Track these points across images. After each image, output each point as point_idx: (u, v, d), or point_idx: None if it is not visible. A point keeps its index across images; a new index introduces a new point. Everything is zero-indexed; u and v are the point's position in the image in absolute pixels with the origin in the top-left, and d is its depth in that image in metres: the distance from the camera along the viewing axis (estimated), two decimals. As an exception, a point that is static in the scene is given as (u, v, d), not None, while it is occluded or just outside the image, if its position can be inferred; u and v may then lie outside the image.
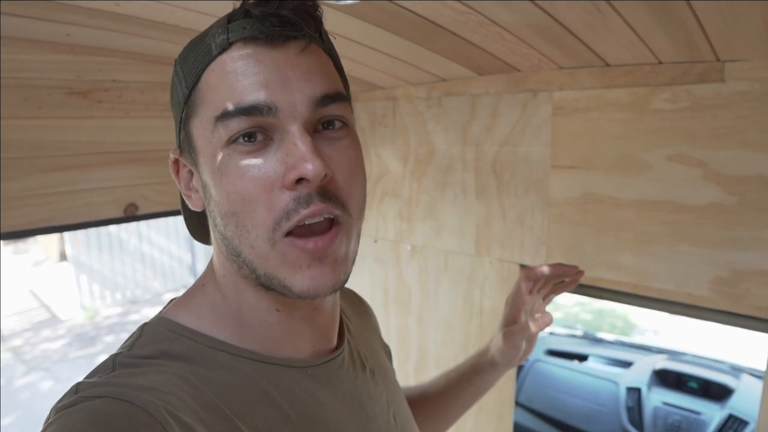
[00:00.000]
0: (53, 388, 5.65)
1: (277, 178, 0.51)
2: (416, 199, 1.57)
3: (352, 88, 1.67)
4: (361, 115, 1.71)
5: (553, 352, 3.12)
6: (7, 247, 11.73)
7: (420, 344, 1.61)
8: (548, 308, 1.03)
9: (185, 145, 0.58)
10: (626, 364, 3.07)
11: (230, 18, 0.53)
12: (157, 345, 0.56)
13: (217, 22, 0.55)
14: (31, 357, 6.75)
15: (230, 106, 0.50)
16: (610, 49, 1.08)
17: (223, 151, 0.52)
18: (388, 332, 1.69)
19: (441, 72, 1.40)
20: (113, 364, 0.53)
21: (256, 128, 0.51)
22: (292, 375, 0.60)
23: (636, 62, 1.12)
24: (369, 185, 1.68)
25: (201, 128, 0.54)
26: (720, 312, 1.09)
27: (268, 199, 0.51)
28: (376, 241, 1.71)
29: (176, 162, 0.61)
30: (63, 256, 10.13)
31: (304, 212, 0.51)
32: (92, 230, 8.48)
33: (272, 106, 0.50)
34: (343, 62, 1.38)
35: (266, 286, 0.55)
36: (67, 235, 9.13)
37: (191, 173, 0.60)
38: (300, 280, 0.53)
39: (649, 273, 1.14)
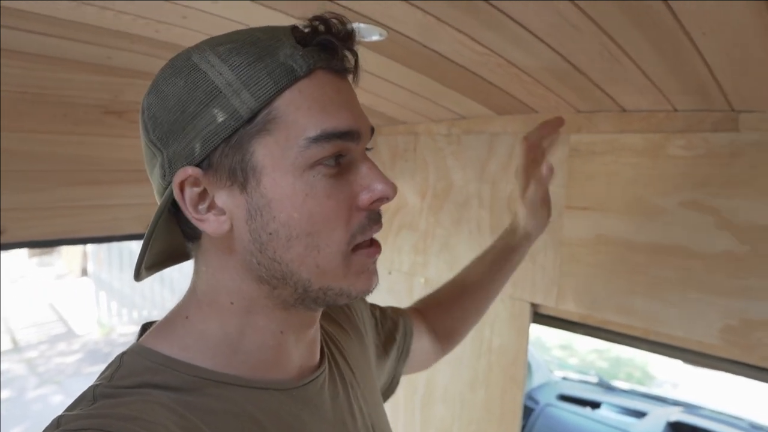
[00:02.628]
0: (64, 402, 5.64)
1: (354, 198, 0.56)
2: (432, 233, 1.59)
3: (376, 121, 1.73)
4: (383, 148, 1.75)
5: (565, 398, 3.07)
6: (32, 260, 11.95)
7: (428, 378, 1.60)
8: (564, 353, 1.05)
9: (224, 162, 0.53)
10: (640, 414, 3.00)
11: (302, 41, 0.55)
12: (138, 376, 0.54)
13: (277, 39, 0.54)
14: (44, 370, 6.81)
15: (326, 129, 0.53)
16: (627, 95, 1.11)
17: (308, 172, 0.53)
18: (397, 364, 1.69)
19: (461, 110, 1.44)
20: (93, 395, 0.51)
21: (343, 152, 0.55)
22: (278, 398, 0.60)
23: (652, 109, 1.14)
24: (386, 218, 1.72)
25: (275, 147, 0.52)
26: (730, 362, 1.08)
27: (347, 218, 0.55)
28: (390, 273, 1.73)
29: (182, 183, 0.54)
30: (84, 272, 10.28)
31: (375, 228, 0.58)
32: (114, 248, 8.63)
33: (357, 132, 0.55)
34: (367, 96, 1.43)
35: (308, 300, 0.58)
36: (90, 250, 9.30)
37: (203, 195, 0.55)
38: (362, 282, 0.58)
39: (660, 318, 1.14)
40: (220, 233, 0.55)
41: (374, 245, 0.60)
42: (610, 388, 3.25)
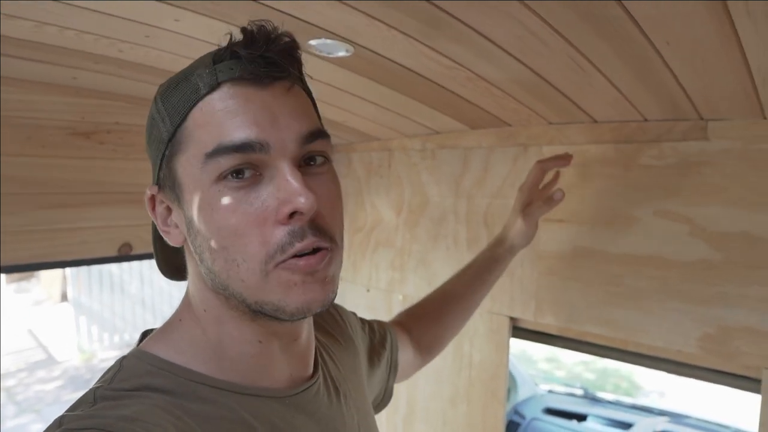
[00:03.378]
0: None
1: (270, 213, 0.53)
2: (409, 250, 1.57)
3: (348, 138, 1.72)
4: (358, 165, 1.74)
5: (551, 411, 3.05)
6: (10, 286, 11.71)
7: (409, 397, 1.58)
8: (550, 366, 1.04)
9: (167, 181, 0.58)
10: (626, 426, 2.99)
11: (216, 58, 0.55)
12: (138, 379, 0.55)
13: (200, 61, 0.56)
14: (23, 398, 6.64)
15: (221, 143, 0.52)
16: (597, 107, 1.11)
17: (213, 187, 0.53)
18: (377, 383, 1.67)
19: (434, 125, 1.44)
20: (94, 397, 0.53)
21: (245, 165, 0.53)
22: (271, 405, 0.61)
23: (622, 119, 1.14)
24: (363, 235, 1.70)
25: (188, 165, 0.54)
26: (710, 370, 1.08)
27: (261, 234, 0.53)
28: (368, 291, 1.71)
29: (152, 198, 0.61)
30: (64, 297, 10.09)
31: (298, 245, 0.53)
32: (95, 271, 8.49)
33: (263, 143, 0.52)
34: (338, 112, 1.42)
35: (257, 312, 0.56)
36: (69, 275, 9.14)
37: (169, 210, 0.60)
38: (294, 298, 0.54)
39: (639, 329, 1.13)
40: (178, 245, 0.61)
41: (306, 258, 0.54)
42: (596, 400, 3.24)
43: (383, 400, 0.98)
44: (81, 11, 0.86)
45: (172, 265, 0.70)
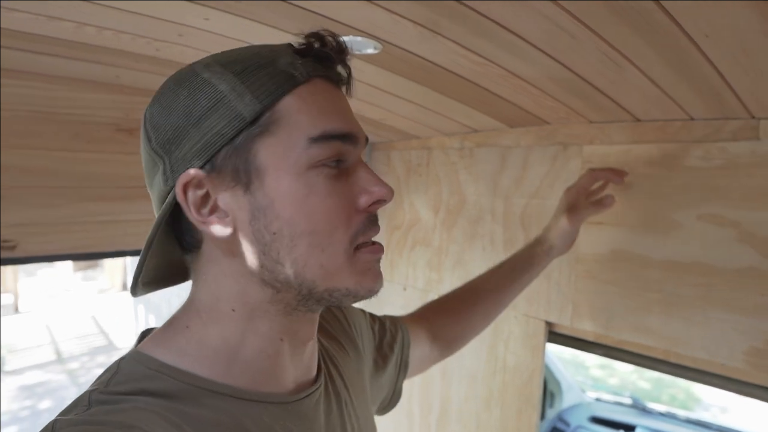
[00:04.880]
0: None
1: (353, 200, 0.58)
2: (446, 249, 1.55)
3: (388, 136, 1.71)
4: (397, 163, 1.73)
5: (597, 420, 2.94)
6: (77, 274, 12.34)
7: (443, 397, 1.56)
8: (603, 374, 1.01)
9: (228, 164, 0.54)
10: (678, 440, 2.85)
11: (298, 52, 0.58)
12: (135, 382, 0.54)
13: (277, 52, 0.58)
14: (85, 380, 6.99)
15: (326, 131, 0.55)
16: (638, 104, 1.06)
17: (310, 171, 0.55)
18: (411, 384, 1.65)
19: (473, 123, 1.41)
20: (89, 400, 0.51)
21: (342, 154, 0.57)
22: (273, 411, 0.60)
23: (667, 118, 1.09)
24: (401, 233, 1.69)
25: (279, 147, 0.54)
26: (756, 387, 1.01)
27: (348, 219, 0.57)
28: (405, 289, 1.70)
29: (187, 185, 0.54)
30: (125, 287, 10.54)
31: (374, 230, 0.60)
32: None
33: (356, 137, 0.58)
34: (376, 111, 1.42)
35: (316, 301, 0.58)
36: (129, 265, 9.55)
37: (206, 198, 0.55)
38: (368, 281, 0.59)
39: (680, 339, 1.08)
40: (223, 235, 0.55)
41: (377, 244, 0.61)
42: (646, 411, 3.10)
43: (392, 400, 0.97)
44: (116, 12, 0.88)
45: (155, 275, 0.63)
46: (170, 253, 0.61)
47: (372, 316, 0.96)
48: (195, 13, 0.89)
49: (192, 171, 0.54)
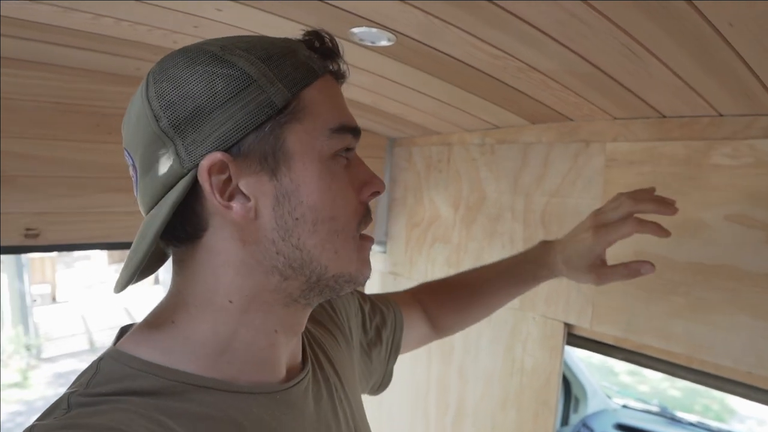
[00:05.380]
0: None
1: (357, 189, 0.61)
2: (465, 247, 1.53)
3: (408, 132, 1.69)
4: (418, 158, 1.71)
5: (623, 427, 2.86)
6: (111, 267, 12.64)
7: (459, 397, 1.53)
8: (633, 380, 0.97)
9: (256, 148, 0.54)
10: (708, 451, 2.75)
11: (310, 46, 0.61)
12: (117, 383, 0.52)
13: (292, 43, 0.59)
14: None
15: (342, 123, 0.59)
16: (663, 100, 1.02)
17: (331, 160, 0.58)
18: (428, 382, 1.64)
19: (494, 119, 1.38)
20: (68, 403, 0.50)
21: (351, 145, 0.60)
22: (262, 402, 0.59)
23: (694, 114, 1.04)
24: (420, 230, 1.68)
25: (305, 135, 0.56)
26: (785, 397, 0.96)
27: (356, 206, 0.60)
28: (424, 287, 1.68)
29: (212, 168, 0.53)
30: (156, 279, 10.76)
31: (370, 218, 0.63)
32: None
33: (359, 130, 0.61)
34: (395, 105, 1.40)
35: (322, 288, 0.60)
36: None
37: (228, 182, 0.54)
38: (366, 269, 0.63)
39: (704, 345, 1.03)
40: (245, 221, 0.55)
41: (369, 236, 0.65)
42: (675, 420, 3.01)
43: (383, 382, 0.96)
44: (132, 3, 0.89)
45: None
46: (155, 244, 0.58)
47: (363, 295, 0.95)
48: (207, 3, 0.89)
49: (219, 154, 0.52)
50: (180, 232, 0.57)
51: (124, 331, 0.61)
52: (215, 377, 0.57)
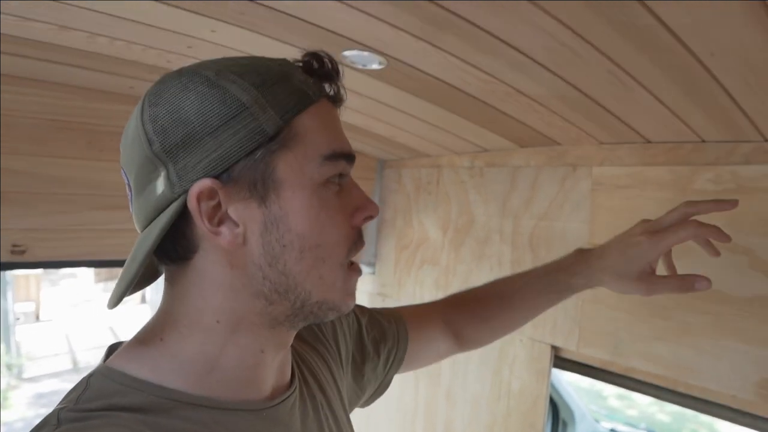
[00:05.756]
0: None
1: (348, 215, 0.60)
2: (453, 269, 1.53)
3: (398, 154, 1.71)
4: (407, 180, 1.72)
5: (612, 451, 2.86)
6: (98, 285, 12.49)
7: (447, 420, 1.53)
8: (621, 404, 0.97)
9: (246, 175, 0.54)
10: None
11: (307, 71, 0.60)
12: (106, 398, 0.53)
13: (287, 67, 0.59)
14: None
15: (335, 150, 0.58)
16: (649, 126, 1.04)
17: (321, 188, 0.57)
18: (416, 405, 1.63)
19: (483, 142, 1.40)
20: (58, 419, 0.50)
21: (344, 172, 0.60)
22: (249, 419, 0.60)
23: (678, 140, 1.07)
24: (409, 252, 1.68)
25: (295, 163, 0.56)
26: (768, 420, 0.97)
27: (346, 233, 0.60)
28: (412, 308, 1.68)
29: (201, 194, 0.53)
30: (144, 298, 10.65)
31: (362, 243, 0.62)
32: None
33: (354, 156, 0.61)
34: (385, 128, 1.42)
35: (305, 315, 0.60)
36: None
37: (217, 208, 0.54)
38: (350, 299, 0.62)
39: (689, 368, 1.04)
40: (233, 246, 0.55)
41: (358, 266, 0.64)
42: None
43: (377, 390, 0.95)
44: (127, 22, 0.90)
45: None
46: (147, 262, 0.59)
47: (361, 309, 0.94)
48: (202, 25, 0.90)
49: (209, 181, 0.53)
50: (171, 252, 0.57)
51: (113, 348, 0.61)
52: (203, 394, 0.57)
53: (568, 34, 0.72)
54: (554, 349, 1.28)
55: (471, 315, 1.01)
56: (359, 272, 0.64)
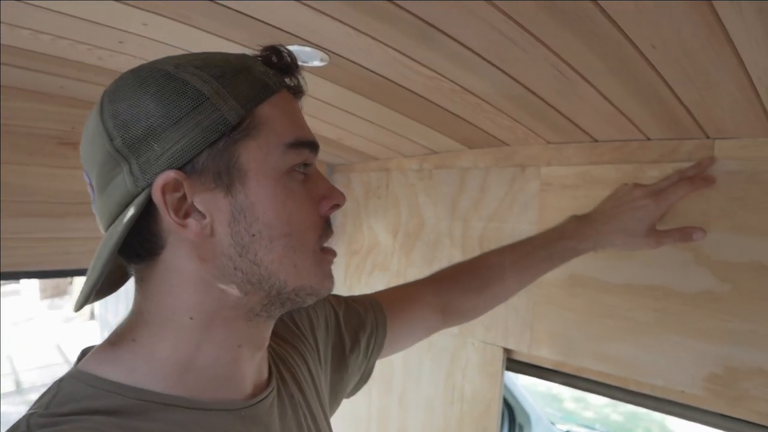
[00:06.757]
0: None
1: (316, 203, 0.60)
2: (404, 274, 1.51)
3: (347, 158, 1.68)
4: (357, 185, 1.69)
5: (567, 453, 2.89)
6: (44, 302, 11.96)
7: (400, 427, 1.49)
8: (577, 406, 0.97)
9: (210, 166, 0.54)
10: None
11: (267, 63, 0.60)
12: (78, 402, 0.52)
13: (247, 60, 0.59)
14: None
15: (299, 138, 0.58)
16: (595, 124, 1.04)
17: (286, 176, 0.57)
18: (369, 413, 1.59)
19: (431, 144, 1.38)
20: (27, 425, 0.49)
21: (309, 160, 0.59)
22: (227, 418, 0.60)
23: (624, 138, 1.07)
24: (359, 258, 1.65)
25: (259, 152, 0.56)
26: (716, 415, 0.97)
27: (315, 221, 0.60)
28: (364, 315, 1.64)
29: (166, 186, 0.53)
30: (93, 315, 10.26)
31: (331, 231, 0.63)
32: (121, 290, 8.59)
33: (317, 145, 0.61)
34: (331, 129, 1.38)
35: (280, 304, 0.60)
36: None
37: (183, 199, 0.54)
38: (328, 282, 0.62)
39: (639, 365, 1.04)
40: (201, 238, 0.55)
41: (332, 249, 0.64)
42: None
43: (361, 380, 0.95)
44: (51, 14, 0.85)
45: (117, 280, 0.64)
46: (114, 261, 0.57)
47: (337, 299, 0.93)
48: (134, 17, 0.85)
49: (172, 173, 0.53)
50: (138, 250, 0.57)
51: (85, 352, 0.60)
52: (179, 395, 0.56)
53: (511, 25, 0.70)
54: (506, 351, 1.26)
55: (462, 288, 1.02)
56: (334, 254, 0.64)
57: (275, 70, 0.60)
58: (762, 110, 0.81)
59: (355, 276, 1.67)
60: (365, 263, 1.64)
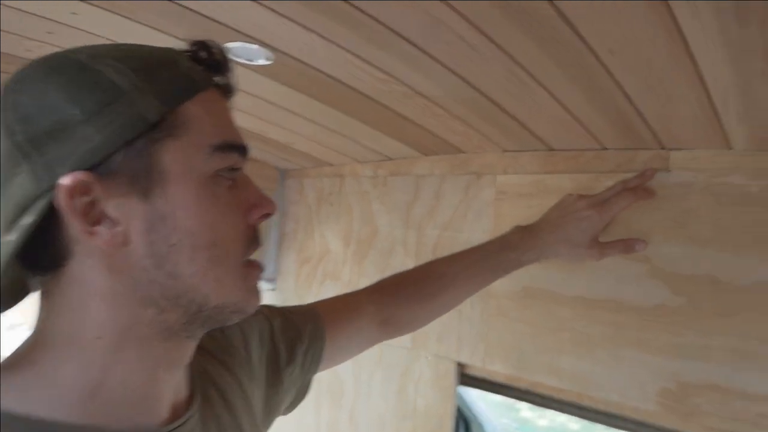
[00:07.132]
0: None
1: (243, 212, 0.55)
2: (356, 283, 1.45)
3: (300, 163, 1.62)
4: (309, 191, 1.64)
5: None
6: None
7: (350, 445, 1.44)
8: (533, 415, 0.93)
9: (125, 167, 0.48)
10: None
11: (195, 58, 0.56)
12: None
13: (173, 54, 0.54)
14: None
15: (226, 140, 0.53)
16: (551, 132, 1.02)
17: (211, 180, 0.52)
18: (318, 428, 1.52)
19: (385, 150, 1.34)
20: None
21: (237, 165, 0.54)
22: None
23: (580, 147, 1.05)
24: (310, 267, 1.59)
25: (182, 153, 0.50)
26: (669, 431, 0.96)
27: (241, 230, 0.55)
28: (314, 326, 1.58)
29: (74, 189, 0.47)
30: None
31: (258, 243, 0.57)
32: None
33: (246, 149, 0.56)
34: (281, 133, 1.32)
35: (204, 320, 0.54)
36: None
37: (93, 204, 0.48)
38: (254, 299, 0.57)
39: (592, 380, 1.01)
40: (113, 247, 0.49)
41: (258, 263, 0.59)
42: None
43: (297, 396, 0.89)
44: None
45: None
46: (13, 272, 0.50)
47: (272, 310, 0.87)
48: (62, 5, 0.78)
49: (80, 174, 0.47)
50: (41, 258, 0.51)
51: None
52: (85, 423, 0.50)
53: (465, 26, 0.66)
54: (460, 365, 1.22)
55: (406, 298, 0.99)
56: (260, 268, 0.59)
57: (204, 67, 0.56)
58: (719, 124, 0.80)
59: (305, 285, 1.61)
60: (316, 272, 1.58)
